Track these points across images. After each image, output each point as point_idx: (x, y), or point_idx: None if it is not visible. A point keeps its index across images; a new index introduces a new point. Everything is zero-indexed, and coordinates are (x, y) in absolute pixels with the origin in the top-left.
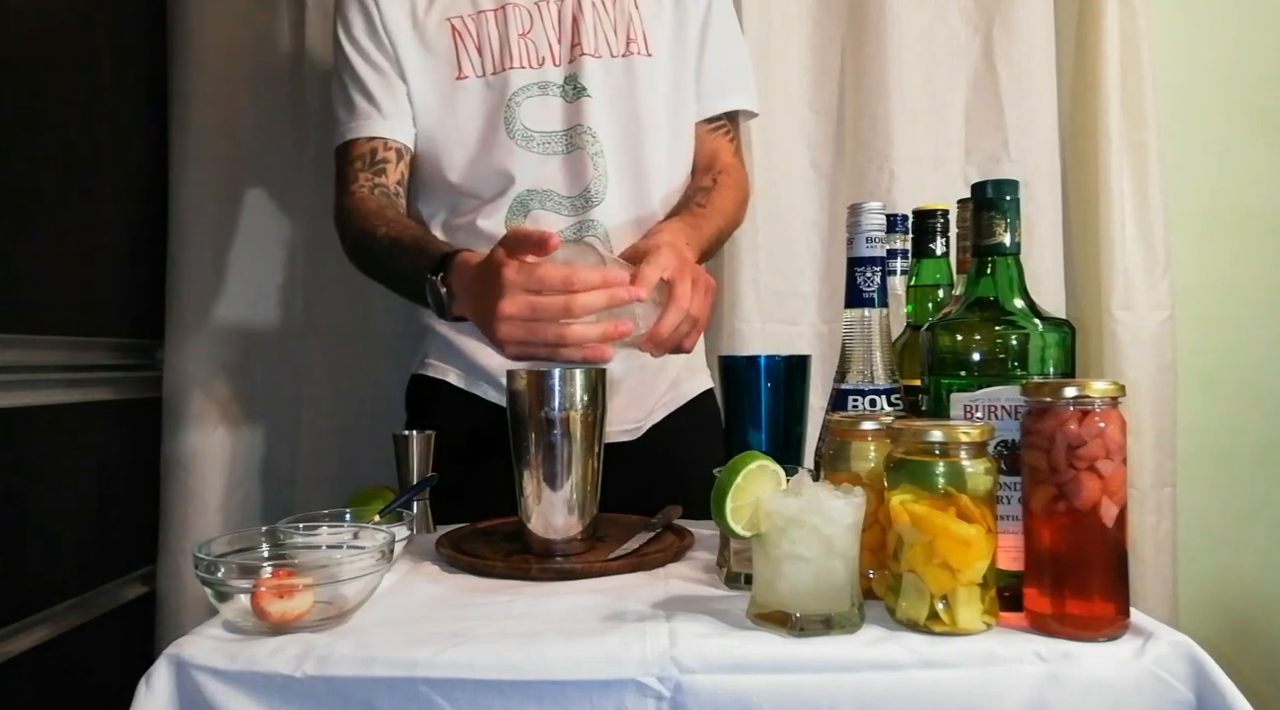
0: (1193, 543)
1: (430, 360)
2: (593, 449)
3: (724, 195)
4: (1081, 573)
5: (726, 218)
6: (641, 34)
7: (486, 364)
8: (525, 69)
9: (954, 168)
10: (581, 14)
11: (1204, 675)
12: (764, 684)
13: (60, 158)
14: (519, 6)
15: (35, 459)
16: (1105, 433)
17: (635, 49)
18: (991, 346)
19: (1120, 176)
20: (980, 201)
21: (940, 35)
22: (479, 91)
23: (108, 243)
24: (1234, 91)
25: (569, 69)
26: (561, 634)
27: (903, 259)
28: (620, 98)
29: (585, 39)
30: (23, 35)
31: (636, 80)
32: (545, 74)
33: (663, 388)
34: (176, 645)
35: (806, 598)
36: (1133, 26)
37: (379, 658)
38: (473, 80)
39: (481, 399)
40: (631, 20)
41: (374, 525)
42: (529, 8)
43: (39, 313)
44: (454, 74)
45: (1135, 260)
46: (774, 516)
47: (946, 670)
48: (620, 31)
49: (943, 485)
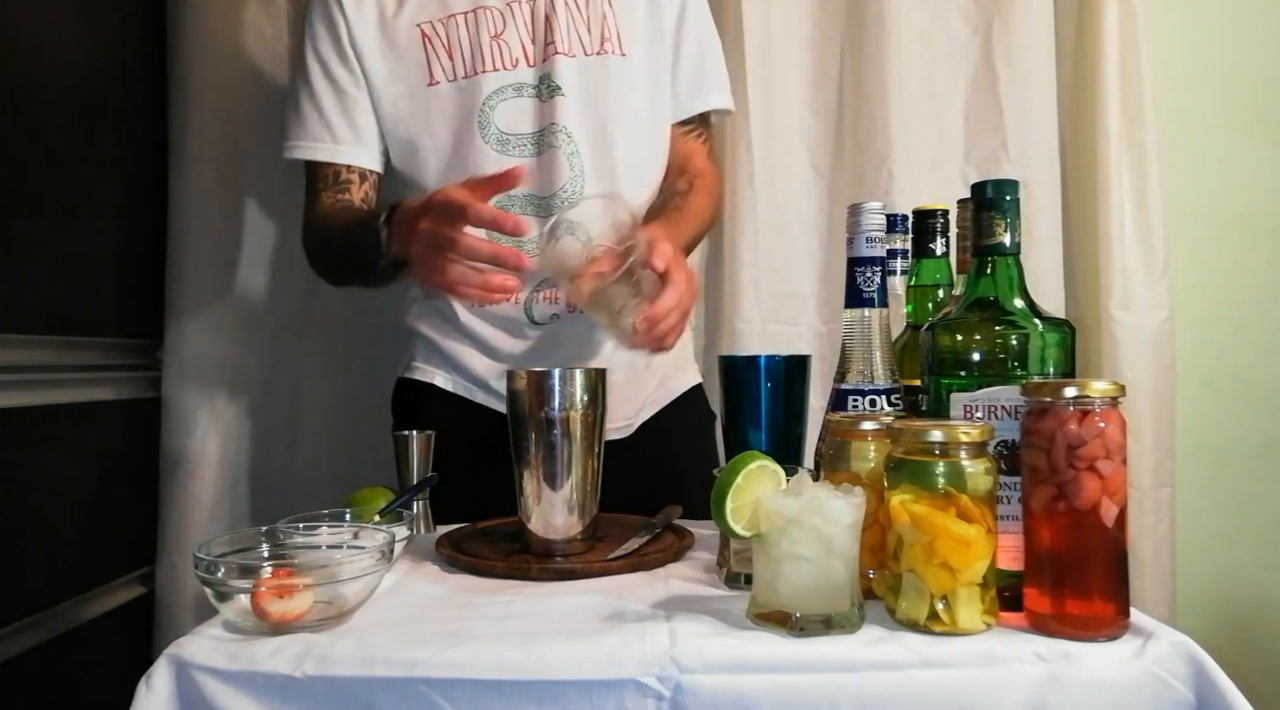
0: (1192, 542)
1: (416, 364)
2: (593, 449)
3: (700, 200)
4: (1081, 573)
5: (702, 222)
6: (615, 33)
7: (473, 366)
8: (499, 71)
9: (953, 168)
10: (555, 13)
11: (1204, 675)
12: (764, 684)
13: (60, 158)
14: (490, 9)
15: (35, 459)
16: (1105, 433)
17: (609, 48)
18: (991, 346)
19: (1120, 176)
20: (980, 201)
21: (940, 36)
22: (452, 96)
23: (108, 243)
24: (1233, 91)
25: (542, 69)
26: (561, 634)
27: (903, 259)
28: (595, 96)
29: (559, 38)
30: (23, 35)
31: (611, 79)
32: (519, 75)
33: (652, 385)
34: (176, 645)
35: (806, 598)
36: (1133, 26)
37: (379, 658)
38: (445, 86)
39: (470, 401)
40: (605, 19)
41: (374, 525)
42: (500, 9)
43: (39, 313)
44: (425, 80)
45: (1134, 260)
46: (774, 516)
47: (946, 670)
48: (594, 30)
49: (943, 485)
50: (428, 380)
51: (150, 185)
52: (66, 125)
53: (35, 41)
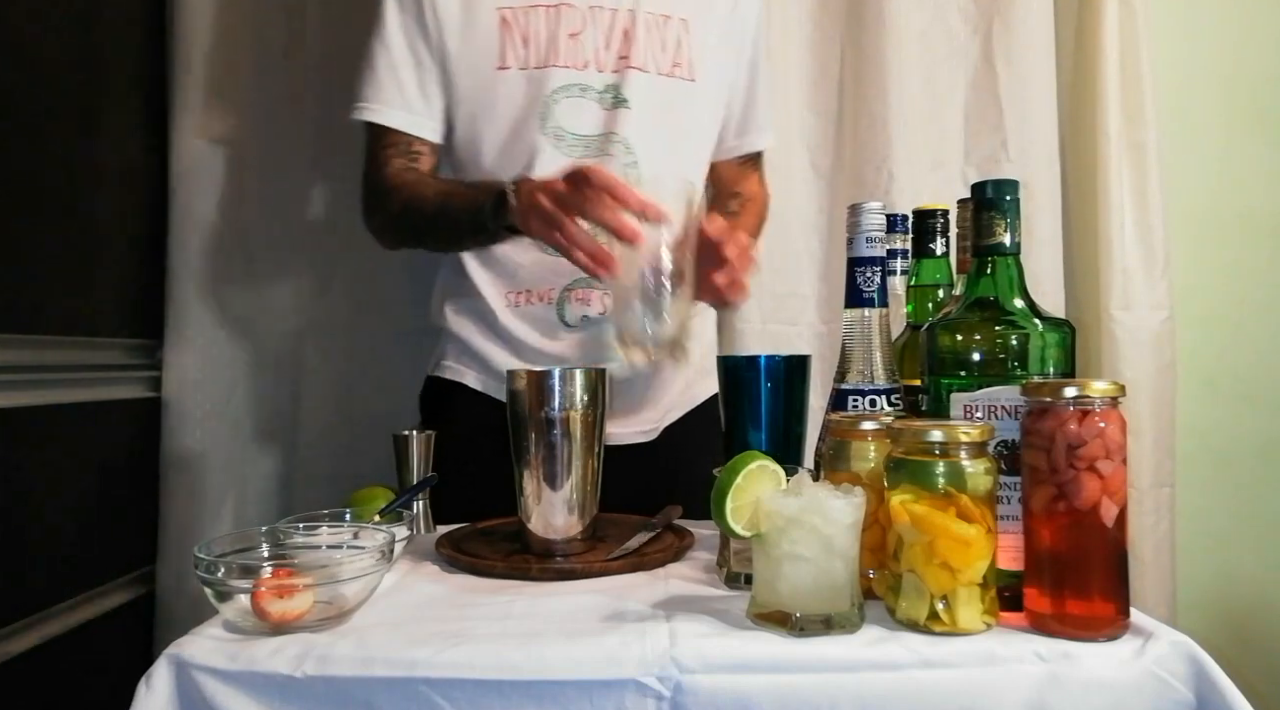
0: (1191, 542)
1: (446, 362)
2: (593, 449)
3: (748, 220)
4: (1081, 573)
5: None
6: (688, 59)
7: (503, 366)
8: (569, 69)
9: (953, 168)
10: (634, 27)
11: (1204, 675)
12: (764, 684)
13: (60, 158)
14: (573, 7)
15: (35, 459)
16: (1105, 433)
17: (679, 72)
18: (991, 346)
19: (1119, 176)
20: (980, 201)
21: (939, 36)
22: (519, 83)
23: (108, 243)
24: (1233, 91)
25: (613, 78)
26: (561, 634)
27: (903, 259)
28: (660, 114)
29: (635, 52)
30: (23, 35)
31: (677, 101)
32: (586, 77)
33: (677, 390)
34: (176, 645)
35: (806, 598)
36: (1133, 27)
37: (379, 657)
38: (514, 72)
39: (499, 401)
40: (680, 44)
41: (374, 525)
42: (584, 10)
43: (39, 313)
44: (496, 63)
45: (1134, 260)
46: (774, 516)
47: (946, 670)
48: (668, 51)
49: (943, 485)
50: (457, 379)
51: (150, 185)
52: (67, 124)
53: (36, 41)
